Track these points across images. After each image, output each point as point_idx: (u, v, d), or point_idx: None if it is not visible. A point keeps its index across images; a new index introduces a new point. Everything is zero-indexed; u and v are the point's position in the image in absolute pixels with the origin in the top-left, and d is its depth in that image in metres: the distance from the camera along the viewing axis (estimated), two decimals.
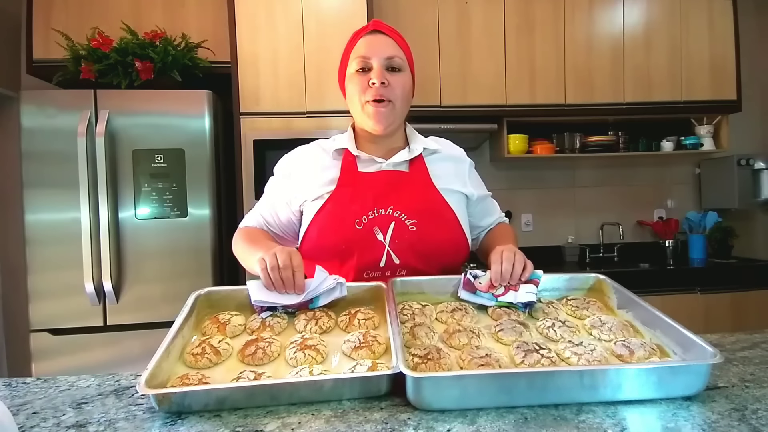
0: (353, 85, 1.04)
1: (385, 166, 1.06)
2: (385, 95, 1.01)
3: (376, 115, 1.02)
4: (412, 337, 0.80)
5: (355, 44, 1.05)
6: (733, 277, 2.63)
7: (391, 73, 1.03)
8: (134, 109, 2.06)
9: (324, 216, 1.04)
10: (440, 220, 1.04)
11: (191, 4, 2.39)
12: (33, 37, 2.25)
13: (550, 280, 0.99)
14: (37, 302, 2.00)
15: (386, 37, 1.05)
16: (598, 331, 0.83)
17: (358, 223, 1.01)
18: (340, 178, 1.05)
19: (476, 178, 1.19)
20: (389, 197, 1.03)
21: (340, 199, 1.03)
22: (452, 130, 2.62)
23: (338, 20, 2.29)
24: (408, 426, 0.61)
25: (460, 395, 0.65)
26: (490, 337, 0.82)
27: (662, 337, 0.78)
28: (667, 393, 0.66)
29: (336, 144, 1.09)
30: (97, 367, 2.00)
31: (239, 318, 0.88)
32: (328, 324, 0.86)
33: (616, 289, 0.94)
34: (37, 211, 2.00)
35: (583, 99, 2.73)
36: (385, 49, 1.02)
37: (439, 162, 1.11)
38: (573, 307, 0.92)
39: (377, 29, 1.05)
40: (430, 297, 0.96)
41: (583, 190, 3.14)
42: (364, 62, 1.02)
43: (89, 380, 0.83)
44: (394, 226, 1.01)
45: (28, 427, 0.65)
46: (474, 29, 2.65)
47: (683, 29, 2.79)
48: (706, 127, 2.92)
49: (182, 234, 2.08)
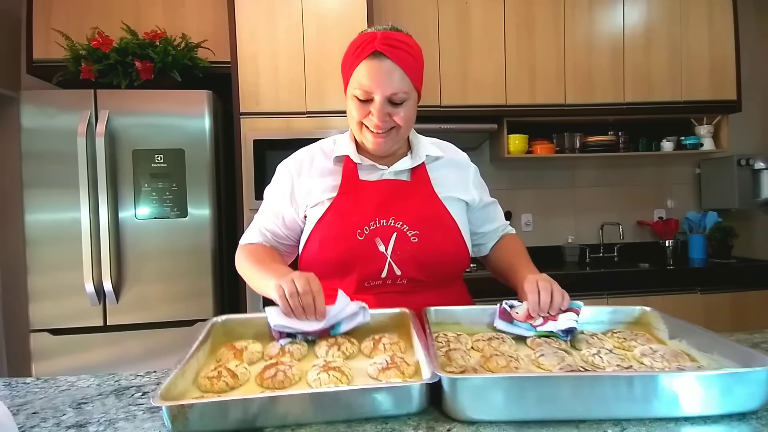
0: (353, 107, 0.99)
1: (387, 174, 1.05)
2: (386, 126, 0.98)
3: (376, 144, 1.00)
4: (447, 359, 0.75)
5: (358, 65, 0.96)
6: (733, 277, 2.63)
7: (393, 107, 0.97)
8: (134, 109, 2.06)
9: (325, 226, 1.02)
10: (442, 231, 1.02)
11: (191, 4, 2.38)
12: (33, 37, 2.25)
13: (593, 313, 0.95)
14: (37, 302, 2.00)
15: (392, 66, 0.94)
16: (650, 359, 0.75)
17: (360, 234, 0.99)
18: (341, 186, 1.03)
19: (480, 184, 1.17)
20: (391, 207, 1.01)
21: (341, 208, 1.01)
22: (452, 130, 2.62)
23: (338, 20, 2.29)
24: (408, 426, 0.61)
25: (503, 402, 0.60)
26: (531, 363, 0.77)
27: (721, 359, 0.72)
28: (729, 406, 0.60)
29: (337, 149, 1.07)
30: (97, 367, 2.00)
31: (257, 345, 0.84)
32: (351, 350, 0.83)
33: (666, 319, 0.88)
34: (37, 211, 2.00)
35: (583, 99, 2.73)
36: (389, 85, 0.94)
37: (441, 169, 1.10)
38: (620, 339, 0.86)
39: (383, 52, 0.94)
40: (465, 327, 0.93)
41: (583, 190, 3.14)
42: (365, 94, 0.96)
43: (89, 380, 0.83)
44: (396, 237, 0.99)
45: (28, 427, 0.65)
46: (474, 29, 2.64)
47: (683, 29, 2.79)
48: (706, 127, 2.92)
49: (182, 234, 2.08)
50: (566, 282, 2.90)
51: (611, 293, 2.48)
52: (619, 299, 2.47)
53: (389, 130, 0.99)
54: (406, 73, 0.96)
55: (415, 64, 0.99)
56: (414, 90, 1.00)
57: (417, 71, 1.00)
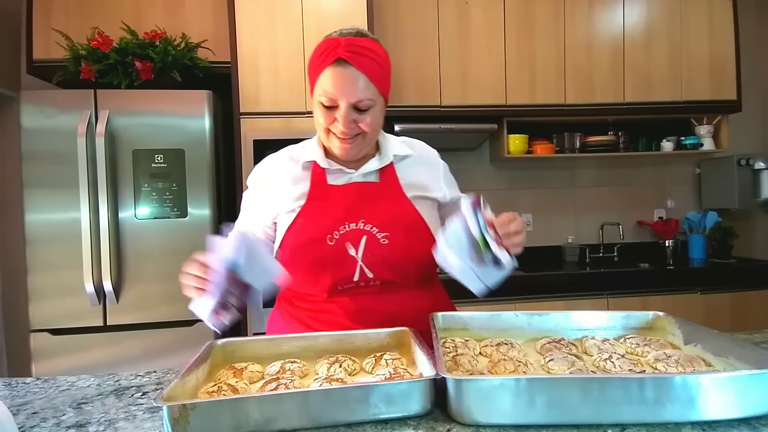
0: (318, 113, 0.99)
1: (355, 177, 1.04)
2: (352, 132, 0.97)
3: (343, 149, 0.99)
4: (454, 364, 0.75)
5: (322, 71, 0.95)
6: (733, 277, 2.63)
7: (358, 113, 0.96)
8: (134, 109, 2.06)
9: (295, 233, 1.02)
10: (412, 231, 1.01)
11: (191, 4, 2.38)
12: (33, 37, 2.25)
13: (604, 318, 0.93)
14: (37, 302, 1.99)
15: (355, 73, 0.93)
16: (664, 364, 0.74)
17: (330, 239, 0.99)
18: (309, 192, 1.03)
19: (451, 181, 1.16)
20: (360, 210, 1.00)
21: (311, 214, 1.01)
22: (452, 130, 2.62)
23: (338, 20, 2.29)
24: (408, 426, 0.61)
25: (511, 405, 0.58)
26: (540, 369, 0.77)
27: (736, 363, 0.71)
28: (747, 409, 0.59)
29: (305, 155, 1.06)
30: (97, 367, 2.00)
31: (257, 366, 0.83)
32: (353, 367, 0.81)
33: (680, 324, 0.87)
34: (37, 211, 1.99)
35: (583, 99, 2.73)
36: (353, 92, 0.93)
37: (410, 167, 1.08)
38: (633, 344, 0.84)
39: (346, 59, 0.92)
40: (473, 333, 0.93)
41: (583, 190, 3.14)
42: (330, 101, 0.95)
43: (89, 380, 0.83)
44: (366, 240, 0.99)
45: (28, 427, 0.65)
46: (474, 29, 2.64)
47: (683, 29, 2.79)
48: (706, 127, 2.92)
49: (182, 234, 2.08)
50: (566, 282, 2.92)
51: (611, 293, 2.48)
52: (619, 299, 2.47)
53: (355, 136, 0.98)
54: (371, 80, 0.94)
55: (380, 70, 0.97)
56: (380, 96, 0.99)
57: (382, 77, 0.98)
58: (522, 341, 0.90)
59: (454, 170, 1.18)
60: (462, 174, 3.04)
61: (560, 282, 2.52)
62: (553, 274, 2.60)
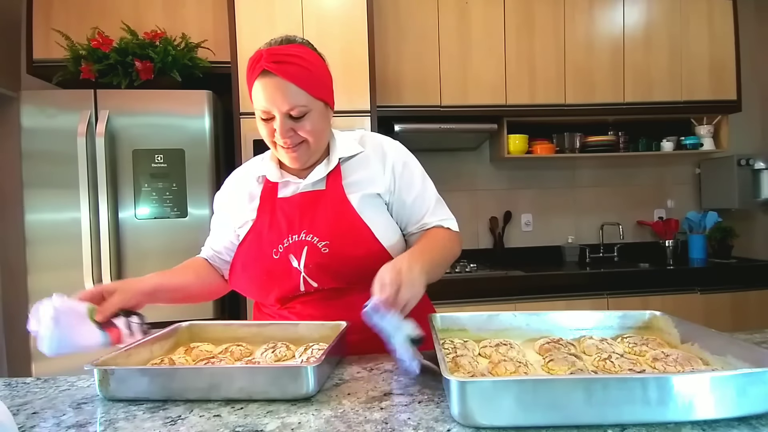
0: (261, 127, 0.98)
1: (302, 187, 1.03)
2: (294, 141, 0.96)
3: (292, 159, 0.99)
4: (455, 365, 0.75)
5: (253, 83, 0.94)
6: (733, 277, 2.63)
7: (294, 121, 0.95)
8: (134, 109, 2.06)
9: (244, 248, 1.04)
10: (354, 237, 0.98)
11: (191, 4, 2.38)
12: (33, 37, 2.25)
13: (601, 318, 0.93)
14: (37, 302, 1.99)
15: (281, 82, 0.91)
16: (662, 363, 0.74)
17: (275, 253, 0.99)
18: (258, 207, 1.04)
19: (406, 175, 1.06)
20: (303, 221, 1.00)
21: (259, 228, 1.03)
22: (452, 130, 2.62)
23: (338, 20, 2.29)
24: (408, 426, 0.61)
25: (516, 407, 0.58)
26: (540, 369, 0.77)
27: (735, 362, 0.71)
28: (747, 408, 0.59)
29: (260, 168, 1.07)
30: None
31: (208, 346, 0.92)
32: (285, 353, 0.86)
33: (677, 323, 0.87)
34: (37, 211, 2.00)
35: (583, 99, 2.73)
36: (283, 102, 0.92)
37: (357, 166, 1.04)
38: (631, 344, 0.84)
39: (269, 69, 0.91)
40: (471, 334, 0.94)
41: (583, 190, 3.14)
42: (265, 113, 0.94)
43: (89, 380, 0.83)
44: (307, 250, 0.97)
45: (28, 427, 0.65)
46: (474, 29, 2.64)
47: (683, 29, 2.79)
48: (706, 127, 2.92)
49: (182, 234, 2.08)
50: (566, 282, 2.92)
51: (611, 293, 2.48)
52: (619, 299, 2.47)
53: (299, 144, 0.97)
54: (300, 86, 0.92)
55: (310, 75, 0.94)
56: (316, 101, 0.96)
57: (314, 82, 0.95)
58: (520, 342, 0.90)
59: (454, 170, 1.16)
60: (462, 174, 3.07)
61: (560, 282, 2.52)
62: (553, 274, 2.60)
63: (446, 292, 2.34)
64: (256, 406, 0.68)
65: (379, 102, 2.42)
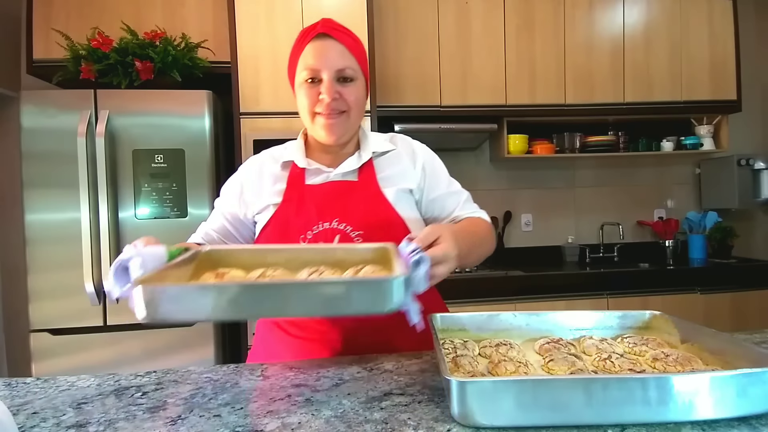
0: (303, 95, 0.99)
1: (332, 176, 1.03)
2: (336, 108, 0.97)
3: (328, 128, 0.98)
4: (455, 365, 0.75)
5: (303, 49, 0.98)
6: (733, 277, 2.63)
7: (342, 84, 0.97)
8: (134, 109, 2.06)
9: (269, 233, 1.01)
10: (388, 230, 0.98)
11: (191, 4, 2.38)
12: (33, 37, 2.25)
13: (601, 318, 0.93)
14: (37, 302, 1.99)
15: (336, 44, 0.97)
16: (662, 363, 0.75)
17: (303, 239, 0.98)
18: (285, 192, 1.02)
19: (436, 173, 1.09)
20: (334, 209, 0.99)
21: (285, 213, 1.01)
22: (452, 130, 2.62)
23: (338, 20, 2.28)
24: (408, 426, 0.61)
25: (517, 407, 0.58)
26: (540, 369, 0.77)
27: (734, 362, 0.70)
28: (747, 408, 0.59)
29: (285, 155, 1.06)
30: (97, 367, 2.00)
31: (239, 272, 0.82)
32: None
33: (677, 323, 0.87)
34: (37, 211, 1.99)
35: (583, 99, 2.73)
36: (336, 60, 0.96)
37: (390, 162, 1.06)
38: (631, 344, 0.84)
39: (326, 32, 0.97)
40: (471, 334, 0.93)
41: (583, 190, 3.14)
42: (313, 73, 0.96)
43: (89, 380, 0.83)
44: (339, 239, 0.97)
45: (28, 427, 0.65)
46: (474, 29, 2.64)
47: (683, 29, 2.79)
48: (706, 127, 2.92)
49: (182, 234, 2.04)
50: (566, 282, 2.92)
51: (611, 293, 2.49)
52: (619, 299, 2.47)
53: (340, 114, 0.98)
54: (351, 52, 0.98)
55: (359, 48, 1.01)
56: (361, 73, 1.01)
57: (361, 55, 1.02)
58: (520, 342, 0.90)
59: (455, 170, 1.16)
60: (462, 174, 3.04)
61: (560, 282, 2.52)
62: (553, 274, 2.60)
63: (446, 292, 2.33)
64: (256, 406, 0.68)
65: (379, 102, 2.43)
